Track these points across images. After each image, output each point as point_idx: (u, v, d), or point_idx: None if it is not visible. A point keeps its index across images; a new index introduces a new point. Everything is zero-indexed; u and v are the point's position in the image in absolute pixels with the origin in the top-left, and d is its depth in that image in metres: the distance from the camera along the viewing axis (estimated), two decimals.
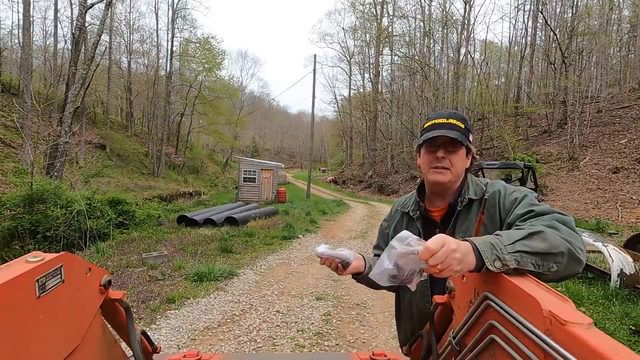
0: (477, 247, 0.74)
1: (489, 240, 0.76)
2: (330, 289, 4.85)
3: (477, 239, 0.77)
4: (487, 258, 0.73)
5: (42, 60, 28.23)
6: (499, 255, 0.73)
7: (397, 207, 1.35)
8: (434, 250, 0.70)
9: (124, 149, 27.92)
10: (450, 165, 1.13)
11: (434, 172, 1.14)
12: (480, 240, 0.76)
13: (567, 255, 0.78)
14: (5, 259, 6.52)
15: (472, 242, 0.75)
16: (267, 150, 78.03)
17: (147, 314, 3.88)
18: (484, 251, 0.73)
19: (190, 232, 8.70)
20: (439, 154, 1.13)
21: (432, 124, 1.16)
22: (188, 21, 32.37)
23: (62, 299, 0.76)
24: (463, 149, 1.14)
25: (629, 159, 14.13)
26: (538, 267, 0.75)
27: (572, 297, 4.04)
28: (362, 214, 13.73)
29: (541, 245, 0.77)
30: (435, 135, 1.11)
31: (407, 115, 34.05)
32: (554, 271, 0.76)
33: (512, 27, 46.28)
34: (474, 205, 1.12)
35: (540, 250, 0.76)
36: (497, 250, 0.74)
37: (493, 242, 0.75)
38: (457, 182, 1.16)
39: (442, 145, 1.13)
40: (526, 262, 0.74)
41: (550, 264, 0.76)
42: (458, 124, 1.14)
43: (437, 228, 1.16)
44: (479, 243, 0.75)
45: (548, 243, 0.77)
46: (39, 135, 11.92)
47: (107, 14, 13.69)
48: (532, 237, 0.78)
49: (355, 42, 40.50)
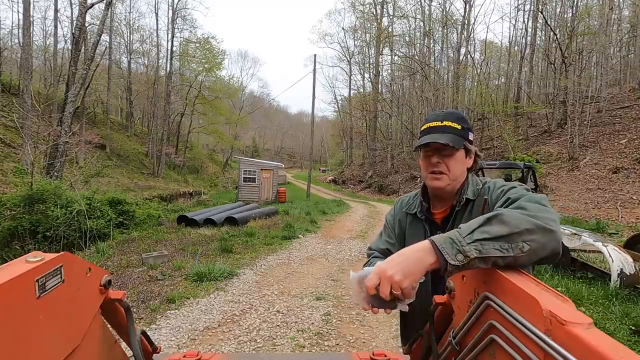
0: (436, 244, 0.74)
1: (448, 236, 0.75)
2: (330, 289, 4.85)
3: (437, 236, 0.77)
4: (447, 254, 0.72)
5: (42, 60, 28.24)
6: (459, 249, 0.72)
7: (401, 208, 1.33)
8: (373, 286, 0.76)
9: (124, 149, 27.93)
10: (447, 170, 1.12)
11: (431, 178, 1.14)
12: (440, 237, 0.76)
13: (537, 231, 0.73)
14: (5, 259, 6.52)
15: (431, 240, 0.76)
16: (267, 150, 78.05)
17: (147, 314, 3.88)
18: (443, 248, 0.73)
19: (190, 232, 8.70)
20: (433, 159, 1.12)
21: (427, 128, 1.15)
22: (188, 21, 32.47)
23: (62, 299, 0.76)
24: (460, 151, 1.12)
25: (629, 159, 14.14)
26: (506, 250, 0.71)
27: (572, 297, 4.03)
28: (362, 214, 13.73)
29: (500, 228, 0.73)
30: (426, 142, 1.11)
31: (407, 115, 34.10)
32: (528, 251, 0.72)
33: (512, 27, 46.46)
34: (472, 205, 1.12)
35: (502, 233, 0.72)
36: (456, 244, 0.73)
37: (452, 237, 0.74)
38: (456, 185, 1.15)
39: (437, 150, 1.12)
40: (488, 249, 0.71)
41: (519, 244, 0.72)
42: (453, 125, 1.12)
43: (439, 230, 1.16)
44: (438, 240, 0.75)
45: (508, 224, 0.74)
46: (39, 135, 11.92)
47: (107, 14, 13.70)
48: (490, 222, 0.75)
49: (355, 42, 40.62)
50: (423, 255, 0.75)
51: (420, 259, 0.75)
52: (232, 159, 41.86)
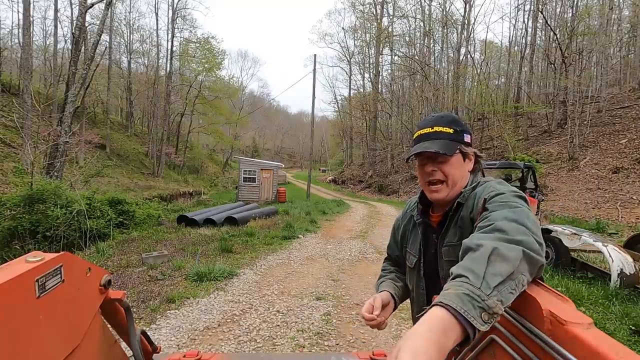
0: (455, 309, 0.56)
1: (461, 293, 0.58)
2: (330, 288, 4.85)
3: (445, 298, 0.58)
4: (474, 318, 0.56)
5: (42, 60, 28.24)
6: (481, 306, 0.57)
7: (407, 209, 1.32)
8: None
9: (124, 148, 27.92)
10: (445, 177, 1.06)
11: (430, 191, 1.09)
12: (452, 298, 0.58)
13: (526, 259, 0.65)
14: (5, 259, 6.52)
15: (444, 305, 0.57)
16: (267, 150, 78.06)
17: (147, 314, 3.88)
18: (466, 312, 0.56)
19: (190, 232, 8.70)
20: (427, 168, 1.08)
21: (418, 136, 1.10)
22: (188, 21, 32.43)
23: (62, 299, 0.76)
24: (455, 156, 1.06)
25: (629, 159, 14.13)
26: (514, 291, 0.62)
27: (572, 297, 4.03)
28: (362, 214, 13.72)
29: (505, 267, 0.63)
30: (417, 151, 1.06)
31: (407, 115, 34.09)
32: (527, 283, 0.65)
33: (512, 27, 46.44)
34: (463, 208, 1.06)
35: (508, 272, 0.62)
36: (476, 300, 0.57)
37: (466, 293, 0.58)
38: (458, 190, 1.08)
39: (429, 158, 1.07)
40: (507, 295, 0.60)
41: (520, 278, 0.63)
42: (445, 130, 1.06)
43: (434, 233, 1.14)
44: (453, 303, 0.57)
45: (508, 260, 0.64)
46: (39, 135, 11.92)
47: (107, 13, 13.69)
48: (493, 263, 0.63)
49: (355, 42, 40.63)
50: (446, 328, 0.55)
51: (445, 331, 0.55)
52: (232, 159, 41.89)
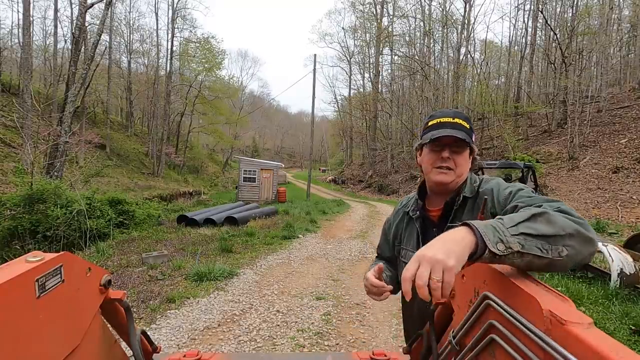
0: (477, 229, 0.67)
1: (489, 223, 0.69)
2: (330, 288, 4.85)
3: (476, 222, 0.70)
4: (490, 240, 0.65)
5: (42, 60, 28.25)
6: (501, 238, 0.66)
7: (399, 207, 1.35)
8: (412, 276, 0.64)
9: (124, 148, 27.92)
10: (455, 166, 1.11)
11: (438, 173, 1.13)
12: (479, 223, 0.69)
13: (577, 237, 0.70)
14: (5, 259, 6.52)
15: (470, 224, 0.69)
16: (267, 150, 78.07)
17: (147, 314, 3.88)
18: (485, 233, 0.66)
19: (190, 232, 8.70)
20: (444, 154, 1.11)
21: (437, 123, 1.13)
22: (188, 21, 32.40)
23: (62, 299, 0.76)
24: (467, 149, 1.13)
25: (629, 159, 14.14)
26: (546, 251, 0.67)
27: (572, 297, 4.03)
28: (362, 214, 13.72)
29: (547, 228, 0.69)
30: (442, 135, 1.09)
31: (407, 115, 34.07)
32: (565, 256, 0.69)
33: (512, 27, 46.42)
34: (469, 203, 1.12)
35: (547, 233, 0.69)
36: (499, 232, 0.67)
37: (494, 225, 0.69)
38: (459, 182, 1.15)
39: (448, 145, 1.11)
40: (531, 246, 0.67)
41: (559, 248, 0.68)
42: (463, 123, 1.12)
43: (435, 227, 1.16)
44: (477, 225, 0.68)
45: (554, 225, 0.70)
46: (39, 135, 11.93)
47: (107, 13, 13.68)
48: (537, 219, 0.71)
49: (355, 41, 40.60)
50: (464, 235, 0.68)
51: (462, 238, 0.67)
52: (232, 158, 41.86)
